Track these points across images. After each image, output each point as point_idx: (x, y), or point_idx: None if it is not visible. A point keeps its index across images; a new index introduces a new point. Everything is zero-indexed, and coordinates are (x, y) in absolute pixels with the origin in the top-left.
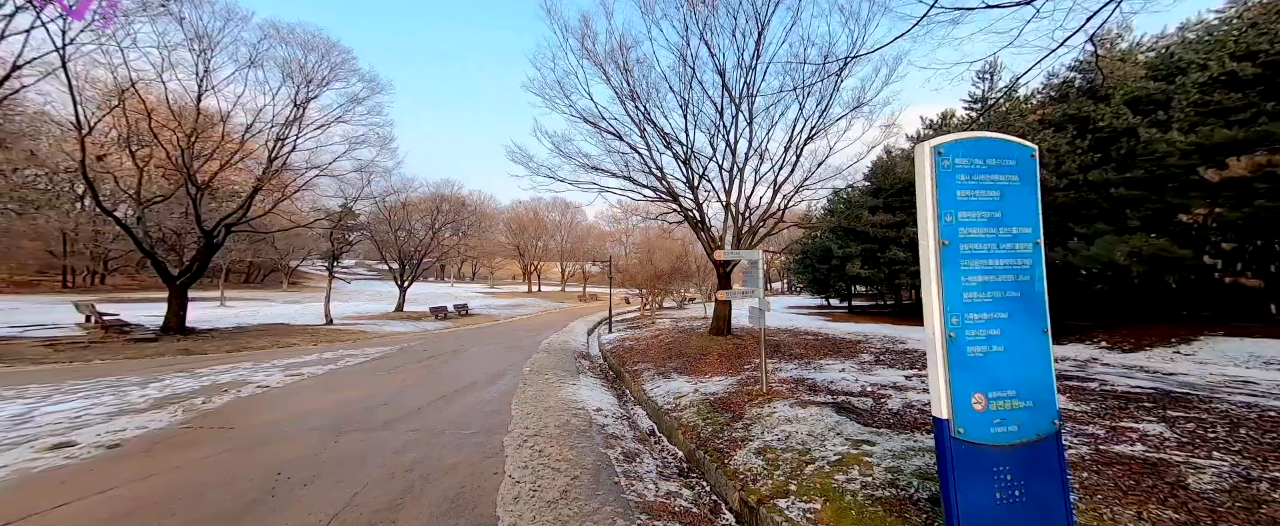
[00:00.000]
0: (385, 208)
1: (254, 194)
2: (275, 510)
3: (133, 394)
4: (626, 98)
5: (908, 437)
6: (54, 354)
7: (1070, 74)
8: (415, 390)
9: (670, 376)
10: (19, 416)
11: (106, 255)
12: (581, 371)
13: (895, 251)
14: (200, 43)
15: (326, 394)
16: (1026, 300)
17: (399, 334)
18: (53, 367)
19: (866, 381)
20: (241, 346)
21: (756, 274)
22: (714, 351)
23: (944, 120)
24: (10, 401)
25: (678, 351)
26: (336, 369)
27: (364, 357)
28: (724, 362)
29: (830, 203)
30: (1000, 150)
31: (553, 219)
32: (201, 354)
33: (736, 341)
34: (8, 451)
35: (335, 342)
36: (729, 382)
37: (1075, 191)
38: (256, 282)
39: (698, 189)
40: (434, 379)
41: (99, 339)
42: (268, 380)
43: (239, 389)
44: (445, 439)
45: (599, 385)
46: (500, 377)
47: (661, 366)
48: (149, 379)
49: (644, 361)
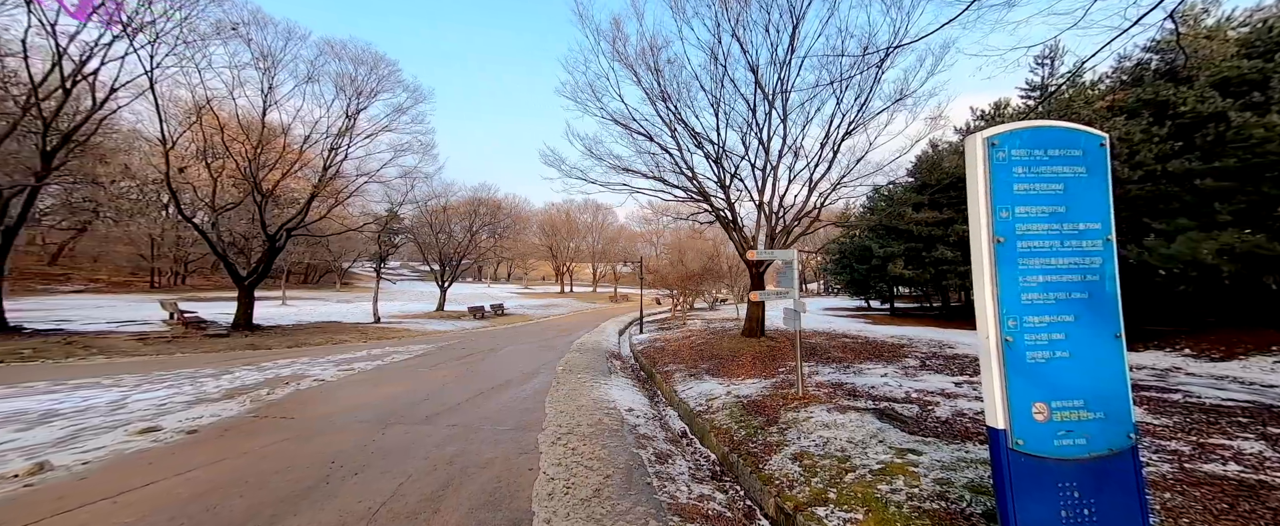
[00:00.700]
0: (427, 211)
1: (311, 200)
2: (329, 496)
3: (207, 385)
4: (657, 98)
5: (958, 448)
6: (144, 347)
7: (1145, 55)
8: (454, 386)
9: (702, 378)
10: (116, 402)
11: (186, 258)
12: (613, 371)
13: (942, 250)
14: (265, 61)
15: (374, 388)
16: (1095, 302)
17: (440, 332)
18: (143, 359)
19: (911, 387)
20: (300, 342)
21: (791, 274)
22: (746, 353)
23: (997, 110)
24: (109, 389)
25: (709, 353)
26: (383, 365)
27: (408, 354)
28: (757, 365)
29: (870, 200)
30: (1064, 139)
31: (584, 220)
32: (266, 349)
33: (770, 343)
34: (108, 433)
35: (382, 340)
36: (762, 385)
37: (1152, 183)
38: (313, 283)
39: (729, 188)
40: (472, 376)
41: (180, 334)
42: (323, 374)
43: (298, 382)
44: (483, 434)
45: (631, 385)
46: (534, 376)
47: (693, 367)
48: (221, 371)
49: (675, 362)
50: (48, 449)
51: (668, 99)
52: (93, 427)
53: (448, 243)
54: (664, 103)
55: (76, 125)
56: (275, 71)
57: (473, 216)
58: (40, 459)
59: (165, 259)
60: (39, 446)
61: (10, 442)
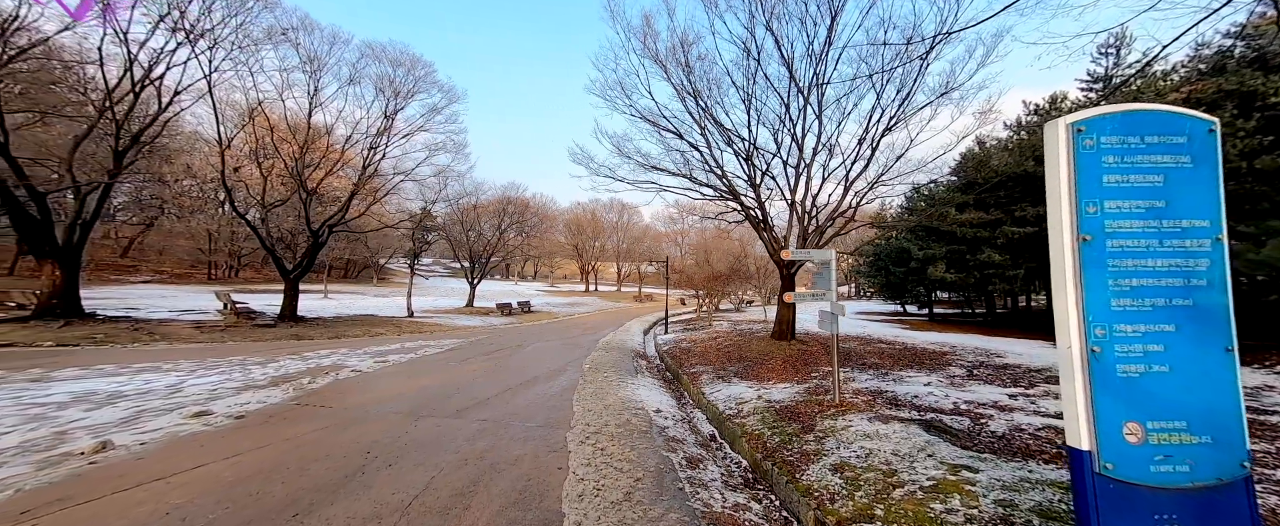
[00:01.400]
0: (458, 210)
1: (351, 197)
2: (364, 487)
3: (255, 372)
4: (687, 95)
5: (1020, 466)
6: (200, 334)
7: (1225, 41)
8: (484, 381)
9: (730, 380)
10: (173, 386)
11: (240, 252)
12: (639, 371)
13: (989, 253)
14: (311, 65)
15: (407, 380)
16: (1201, 310)
17: (469, 328)
18: (198, 346)
19: (959, 398)
20: (339, 334)
21: (829, 276)
22: (777, 356)
23: (1053, 104)
24: (168, 374)
25: (737, 355)
26: (416, 358)
27: (439, 348)
28: (788, 369)
29: (908, 200)
30: (1164, 124)
31: (610, 220)
32: (309, 339)
33: (800, 347)
34: (164, 415)
35: (415, 334)
36: (795, 390)
37: (1237, 182)
38: (352, 278)
39: (760, 187)
40: (501, 371)
41: (232, 323)
42: (360, 365)
43: (337, 372)
44: (512, 430)
45: (657, 386)
46: (561, 373)
47: (721, 369)
48: (268, 359)
49: (702, 364)
50: (112, 428)
51: (698, 95)
52: (152, 409)
53: (477, 240)
54: (694, 99)
55: (144, 126)
56: (320, 75)
57: (502, 215)
58: (104, 438)
59: (221, 253)
60: (104, 426)
61: (80, 421)
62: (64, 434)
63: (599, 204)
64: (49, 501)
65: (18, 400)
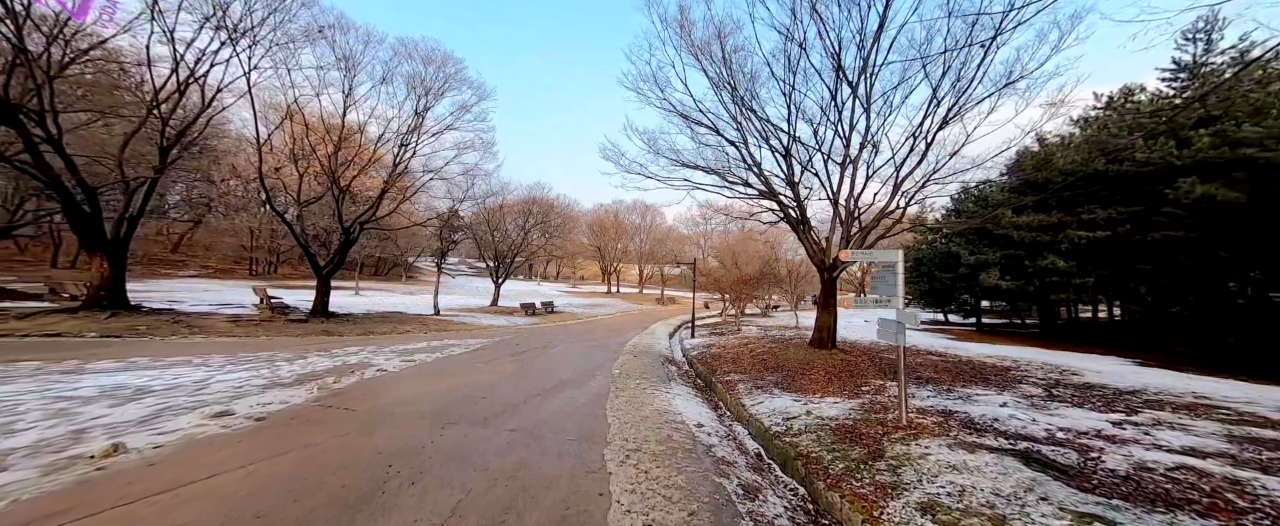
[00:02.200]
0: (485, 209)
1: (382, 195)
2: (385, 509)
3: (282, 369)
4: (724, 88)
5: (1169, 520)
6: (235, 328)
7: None
8: (511, 384)
9: (770, 391)
10: (201, 382)
11: (278, 249)
12: (671, 378)
13: (1052, 259)
14: (346, 64)
15: (433, 382)
16: None
17: (495, 327)
18: (232, 340)
19: (1049, 423)
20: (368, 330)
21: (894, 279)
22: (818, 366)
23: (1127, 96)
24: (198, 368)
25: (774, 363)
26: (442, 358)
27: (464, 348)
28: (833, 380)
29: (954, 202)
30: None
31: (633, 221)
32: (338, 336)
33: (843, 356)
34: (186, 415)
35: (441, 332)
36: (848, 406)
37: None
38: (382, 275)
39: (799, 185)
40: (528, 374)
41: (267, 318)
42: (386, 364)
43: (363, 371)
44: (544, 444)
45: (693, 395)
46: (591, 377)
47: (758, 379)
48: (296, 355)
49: (736, 371)
50: (130, 428)
51: (735, 87)
52: (175, 407)
53: (502, 240)
54: (731, 92)
55: (188, 123)
56: (355, 74)
57: (527, 215)
58: (118, 439)
59: (261, 250)
60: (123, 425)
61: (100, 419)
62: (81, 433)
63: (622, 206)
64: (46, 515)
65: (46, 393)
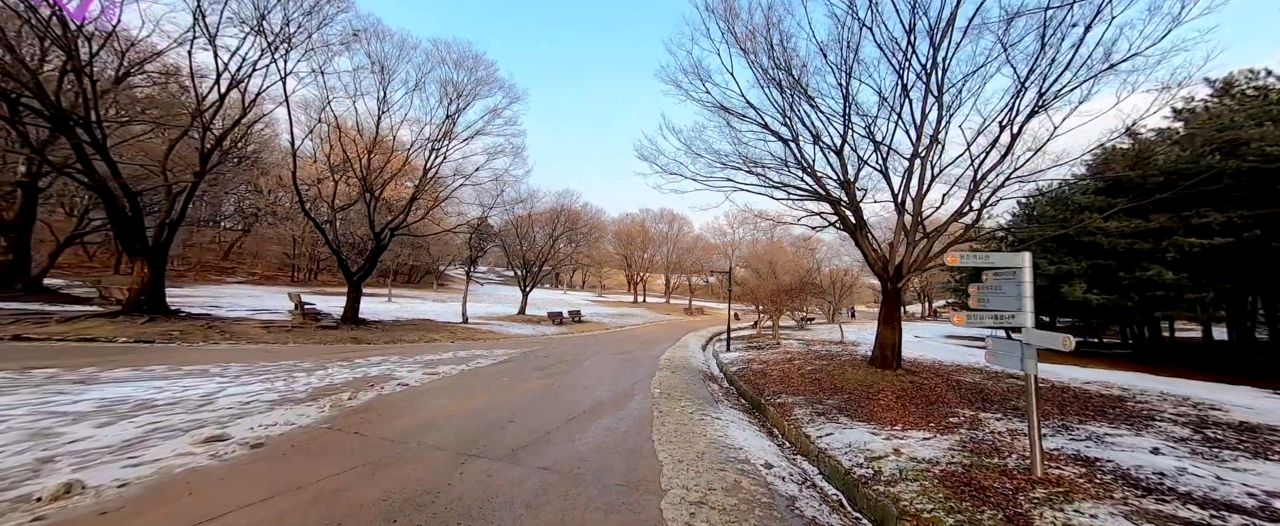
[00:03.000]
0: (514, 218)
1: (413, 201)
2: None
3: (299, 381)
4: (771, 83)
5: None
6: (266, 334)
7: None
8: (542, 405)
9: (836, 419)
10: (209, 395)
11: (319, 257)
12: (717, 399)
13: (1157, 270)
14: (381, 71)
15: (456, 399)
16: None
17: (522, 336)
18: (258, 347)
19: (1245, 484)
20: (396, 338)
21: (1013, 289)
22: (884, 389)
23: (1226, 89)
24: (213, 379)
25: (830, 384)
26: (468, 370)
27: (491, 359)
28: (908, 407)
29: (1025, 206)
30: None
31: (660, 230)
32: (366, 344)
33: (911, 377)
34: (174, 439)
35: (469, 341)
36: (944, 445)
37: None
38: (415, 283)
39: (854, 186)
40: (560, 392)
41: (299, 324)
42: (408, 377)
43: (382, 385)
44: (585, 492)
45: (746, 422)
46: (629, 398)
47: (816, 402)
48: (318, 365)
49: (787, 391)
50: (104, 457)
51: (790, 70)
52: (167, 428)
53: (530, 249)
54: (782, 80)
55: (228, 129)
56: (390, 82)
57: (555, 222)
58: (82, 473)
59: (303, 257)
60: (97, 453)
61: (79, 442)
62: (46, 463)
63: (649, 214)
64: None
65: (40, 408)
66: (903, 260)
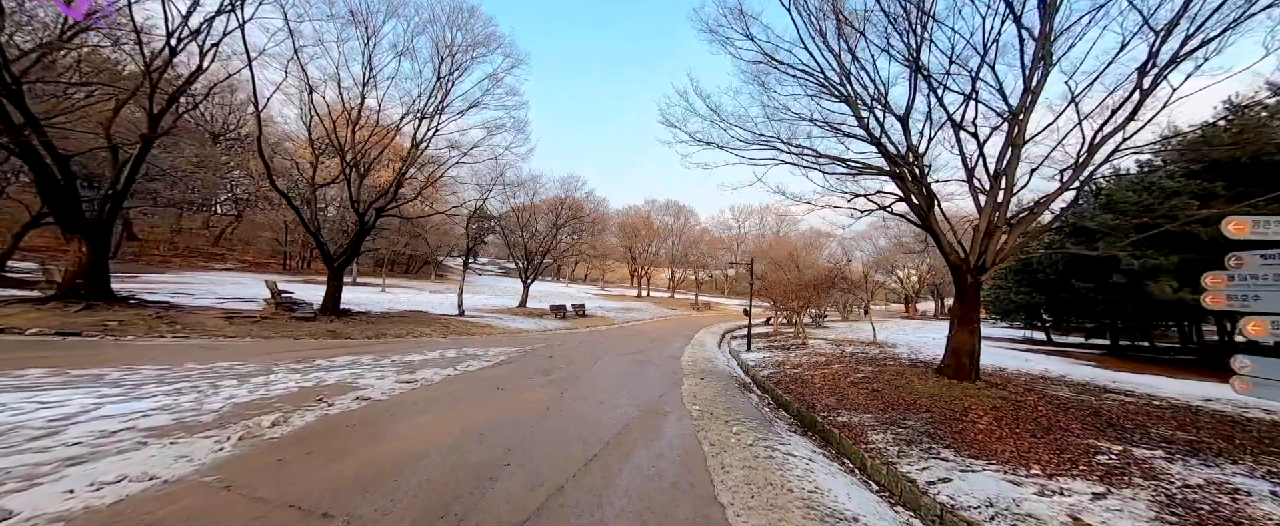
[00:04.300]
0: (515, 206)
1: (402, 177)
2: None
3: (219, 395)
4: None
5: None
6: (226, 327)
7: None
8: (548, 432)
9: (936, 453)
10: (65, 418)
11: (312, 244)
12: (771, 419)
13: None
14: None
15: (436, 420)
16: None
17: (523, 332)
18: (206, 342)
19: None
20: (381, 332)
21: None
22: (975, 408)
23: None
24: (98, 388)
25: (897, 397)
26: (454, 376)
27: (486, 361)
28: (1021, 436)
29: (1103, 186)
30: None
31: (665, 223)
32: (343, 339)
33: (998, 391)
34: None
35: (463, 336)
36: (1140, 507)
37: None
38: (413, 273)
39: (922, 159)
40: (571, 407)
41: (270, 314)
42: (376, 386)
43: (335, 400)
44: None
45: (823, 454)
46: (661, 417)
47: (892, 424)
48: (262, 369)
49: (846, 407)
50: None
51: (842, 23)
52: None
53: (531, 239)
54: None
55: (180, 86)
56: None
57: (558, 210)
58: None
59: (296, 244)
60: None
61: None
62: None
63: (654, 206)
64: None
65: None
66: (989, 246)
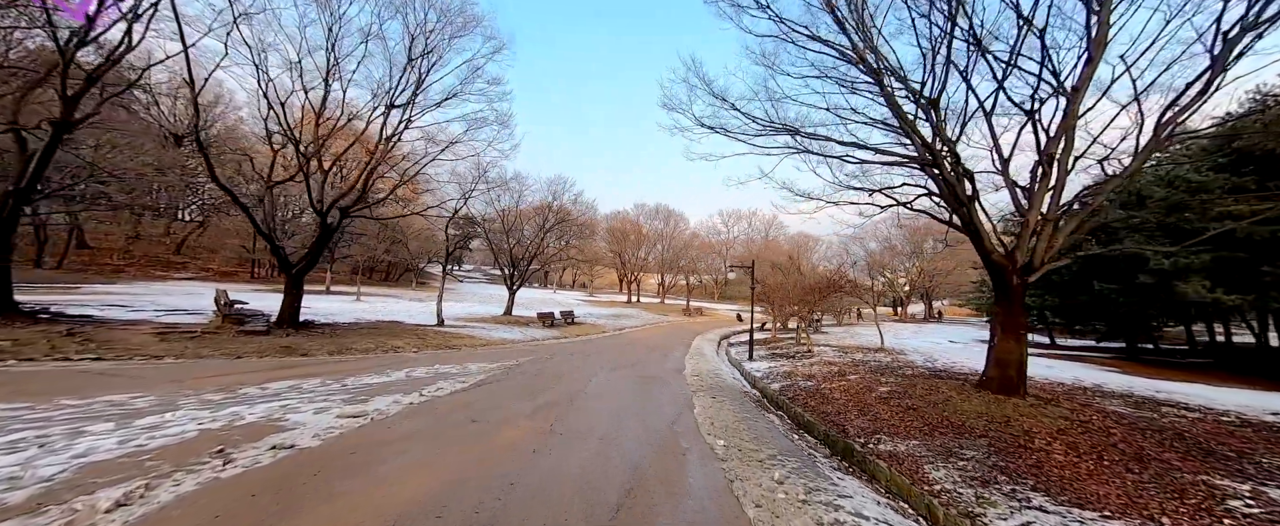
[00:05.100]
0: (499, 210)
1: (369, 172)
2: None
3: (77, 445)
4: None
5: None
6: (154, 344)
7: None
8: (539, 486)
9: (1028, 499)
10: None
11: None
12: (806, 450)
13: None
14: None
15: (379, 479)
16: None
17: (507, 342)
18: (117, 365)
19: None
20: (345, 347)
21: None
22: (1038, 430)
23: None
24: None
25: (939, 417)
26: (419, 405)
27: (462, 383)
28: (1113, 470)
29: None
30: None
31: (655, 228)
32: (297, 356)
33: (1057, 410)
34: None
35: (441, 349)
36: None
37: None
38: (393, 281)
39: (954, 146)
40: (565, 447)
41: (215, 329)
42: (309, 425)
43: (243, 450)
44: None
45: (880, 499)
46: (679, 458)
47: (947, 454)
48: (165, 402)
49: (885, 431)
50: None
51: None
52: None
53: (517, 244)
54: None
55: (100, 66)
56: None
57: (546, 213)
58: None
59: (265, 252)
60: None
61: None
62: None
63: (643, 211)
64: None
65: None
66: (1037, 243)
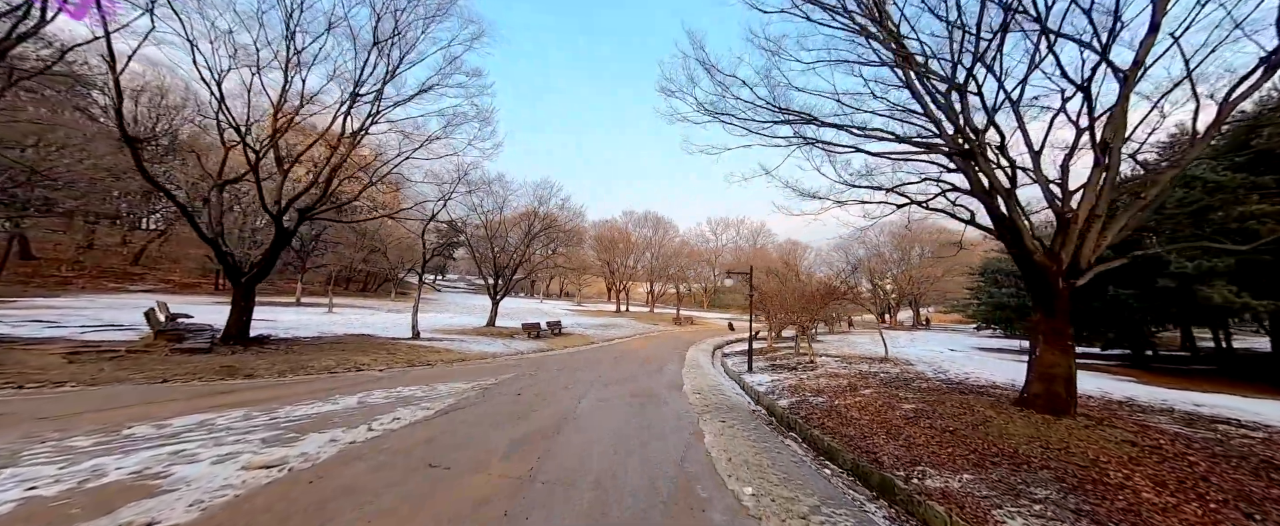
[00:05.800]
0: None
1: (330, 169)
2: None
3: None
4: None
5: None
6: (61, 368)
7: None
8: None
9: None
10: None
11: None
12: (852, 495)
13: None
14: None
15: None
16: None
17: (489, 356)
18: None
19: None
20: (299, 365)
21: None
22: (1103, 458)
23: None
24: None
25: (983, 443)
26: (363, 444)
27: (427, 409)
28: (1232, 514)
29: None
30: None
31: (644, 235)
32: (241, 377)
33: (1115, 432)
34: None
35: (412, 366)
36: None
37: None
38: (371, 291)
39: (984, 136)
40: (550, 511)
41: (146, 346)
42: (195, 484)
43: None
44: None
45: None
46: (701, 511)
47: (1010, 491)
48: (6, 453)
49: (922, 460)
50: None
51: None
52: None
53: (501, 252)
54: None
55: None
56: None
57: (531, 219)
58: None
59: None
60: None
61: None
62: None
63: (632, 218)
64: None
65: None
66: (1084, 242)
